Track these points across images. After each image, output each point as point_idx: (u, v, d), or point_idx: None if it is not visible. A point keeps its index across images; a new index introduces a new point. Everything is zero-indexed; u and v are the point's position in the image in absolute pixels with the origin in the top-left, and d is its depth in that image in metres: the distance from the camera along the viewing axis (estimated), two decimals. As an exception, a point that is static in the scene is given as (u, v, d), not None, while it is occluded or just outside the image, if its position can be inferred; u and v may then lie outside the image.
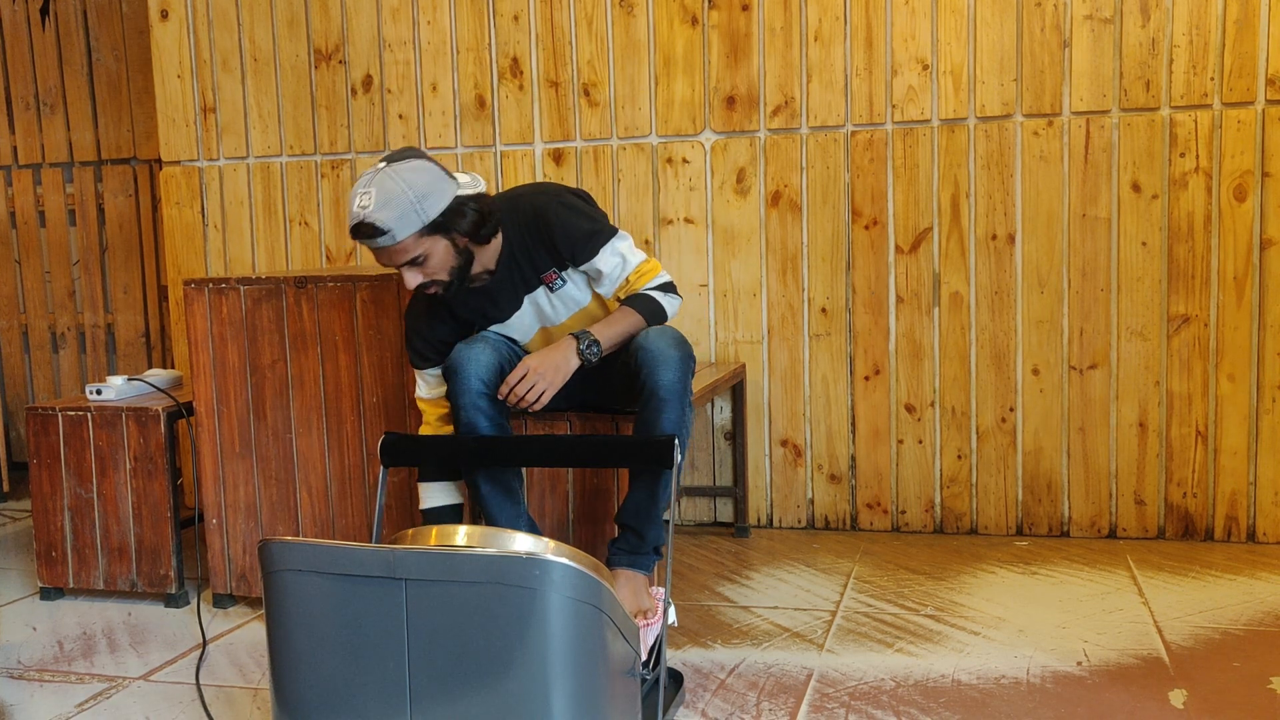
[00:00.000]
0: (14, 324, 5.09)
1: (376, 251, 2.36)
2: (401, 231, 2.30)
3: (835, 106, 3.62)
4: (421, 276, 2.39)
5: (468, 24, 3.89)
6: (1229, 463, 3.45)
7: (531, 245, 2.53)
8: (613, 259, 2.54)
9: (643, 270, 2.57)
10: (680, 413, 2.43)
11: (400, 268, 2.39)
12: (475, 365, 2.50)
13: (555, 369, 2.45)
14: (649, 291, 2.56)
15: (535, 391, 2.43)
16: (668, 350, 2.43)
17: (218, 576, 3.13)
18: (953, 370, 3.61)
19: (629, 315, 2.53)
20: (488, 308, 2.60)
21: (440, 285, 2.43)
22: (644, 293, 2.55)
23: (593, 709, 1.87)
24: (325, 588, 1.89)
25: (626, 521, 2.50)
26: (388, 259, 2.37)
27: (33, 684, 2.68)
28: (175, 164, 4.24)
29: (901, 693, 2.45)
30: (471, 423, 2.50)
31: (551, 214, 2.51)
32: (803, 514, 3.78)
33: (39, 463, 3.22)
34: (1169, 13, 3.37)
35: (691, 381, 2.48)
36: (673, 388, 2.41)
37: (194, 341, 3.06)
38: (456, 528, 2.08)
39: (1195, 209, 3.40)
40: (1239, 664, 2.54)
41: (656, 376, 2.41)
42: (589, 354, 2.46)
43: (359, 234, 2.31)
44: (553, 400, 2.76)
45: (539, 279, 2.56)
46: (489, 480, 2.57)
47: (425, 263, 2.37)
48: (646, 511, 2.48)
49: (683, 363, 2.44)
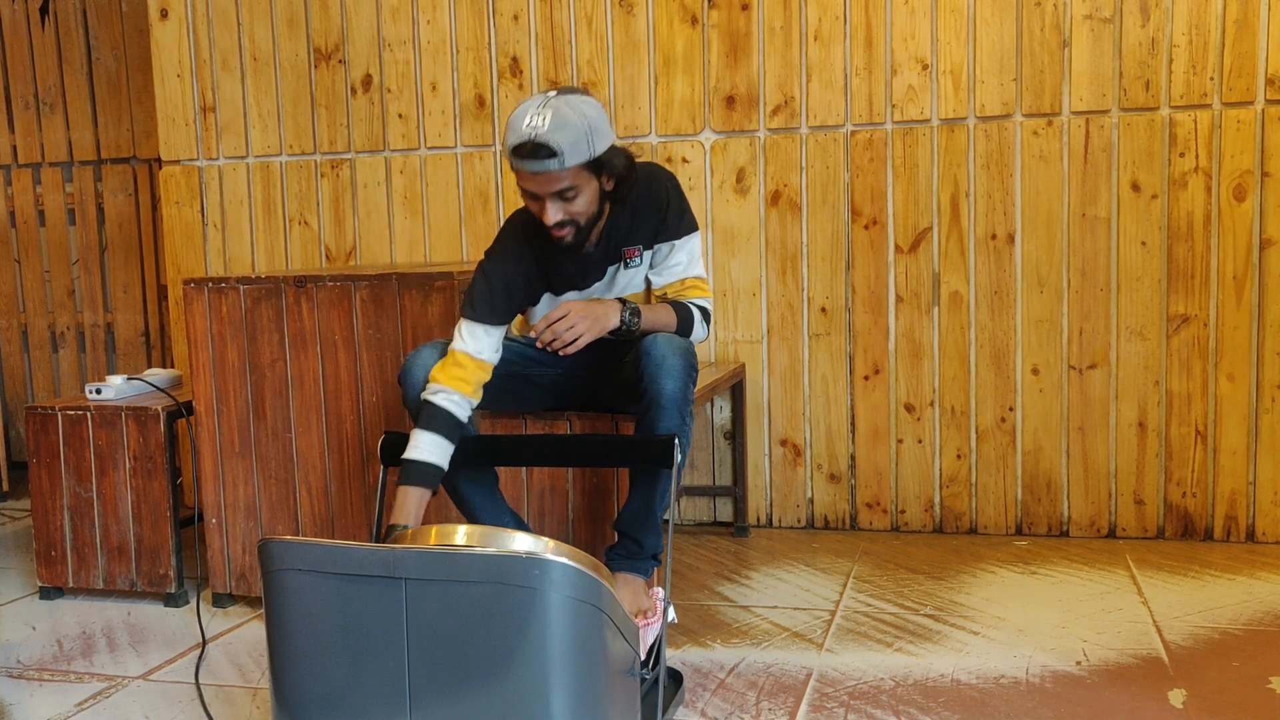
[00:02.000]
0: (13, 323, 5.09)
1: (532, 176, 2.28)
2: (570, 159, 2.25)
3: (835, 106, 3.62)
4: (563, 214, 2.33)
5: (467, 23, 3.89)
6: (1228, 462, 3.45)
7: (642, 211, 2.50)
8: (685, 254, 2.55)
9: (698, 284, 2.58)
10: (680, 421, 2.41)
11: (546, 199, 2.31)
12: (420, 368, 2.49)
13: (596, 320, 2.40)
14: (692, 305, 2.55)
15: (573, 333, 2.36)
16: (671, 358, 2.39)
17: (217, 576, 3.13)
18: (952, 370, 3.61)
19: (669, 313, 2.51)
20: (575, 273, 2.53)
21: (573, 229, 2.37)
22: (687, 304, 2.55)
23: (592, 708, 1.87)
24: (325, 587, 1.89)
25: (624, 529, 2.50)
26: (542, 186, 2.29)
27: (32, 683, 2.68)
28: (175, 163, 4.24)
29: (901, 692, 2.45)
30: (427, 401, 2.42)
31: (672, 186, 2.55)
32: (802, 513, 3.78)
33: (38, 462, 3.22)
34: (1169, 12, 3.37)
35: (693, 391, 2.46)
36: (673, 397, 2.38)
37: (193, 341, 3.06)
38: (456, 527, 2.07)
39: (1195, 209, 3.40)
40: (1238, 663, 2.54)
41: (658, 384, 2.38)
42: (630, 321, 2.43)
43: (526, 153, 2.24)
44: (552, 399, 2.77)
45: (622, 252, 2.53)
46: (469, 480, 2.55)
47: (573, 199, 2.32)
48: (644, 519, 2.47)
49: (685, 372, 2.41)
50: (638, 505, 2.48)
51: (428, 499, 2.35)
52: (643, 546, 2.48)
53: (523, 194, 2.37)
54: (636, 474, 2.51)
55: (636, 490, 2.49)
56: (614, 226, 2.50)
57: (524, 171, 2.29)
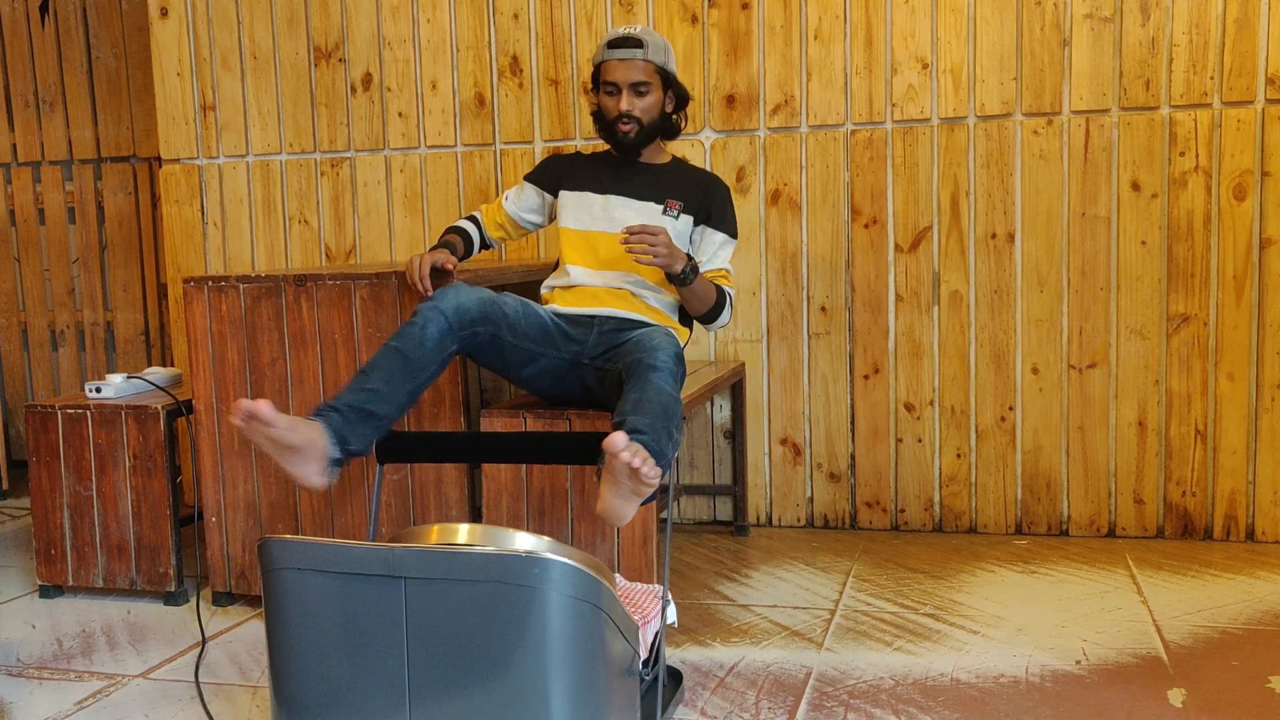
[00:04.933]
0: (13, 322, 5.09)
1: (619, 64, 2.80)
2: (653, 55, 2.82)
3: (835, 105, 3.62)
4: (632, 106, 2.81)
5: (467, 22, 3.89)
6: (1228, 462, 3.45)
7: (697, 183, 2.94)
8: (716, 246, 2.92)
9: (725, 275, 2.93)
10: (672, 384, 2.40)
11: (625, 88, 2.80)
12: (455, 296, 2.53)
13: (672, 253, 2.64)
14: (726, 291, 2.88)
15: (656, 249, 2.59)
16: (662, 340, 2.52)
17: (217, 574, 3.14)
18: (952, 369, 3.61)
19: (712, 288, 2.83)
20: (616, 181, 2.92)
21: (637, 125, 2.84)
22: (723, 289, 2.87)
23: (592, 707, 1.87)
24: (324, 586, 1.89)
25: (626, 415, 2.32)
26: (624, 74, 2.80)
27: (32, 682, 2.68)
28: (175, 162, 4.24)
29: (900, 691, 2.45)
30: (424, 323, 2.46)
31: (722, 186, 2.99)
32: (802, 513, 3.78)
33: (38, 460, 3.22)
34: (1169, 11, 3.37)
35: (682, 378, 2.52)
36: (666, 364, 2.44)
37: (193, 339, 3.06)
38: (456, 526, 2.07)
39: (1195, 208, 3.40)
40: (1238, 663, 2.54)
41: (652, 358, 2.44)
42: (688, 272, 2.69)
43: (620, 43, 2.79)
44: (551, 398, 2.78)
45: (665, 200, 2.90)
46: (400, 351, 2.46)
47: (645, 95, 2.82)
48: (644, 408, 2.31)
49: (675, 359, 2.50)
50: (634, 397, 2.36)
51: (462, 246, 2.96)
52: (643, 433, 2.25)
53: (603, 94, 2.86)
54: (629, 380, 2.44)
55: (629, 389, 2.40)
56: (668, 171, 2.95)
57: (612, 61, 2.82)
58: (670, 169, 2.97)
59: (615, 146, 2.91)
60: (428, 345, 2.46)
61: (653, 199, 2.89)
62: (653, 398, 2.34)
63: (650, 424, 2.27)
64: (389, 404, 2.41)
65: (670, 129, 2.93)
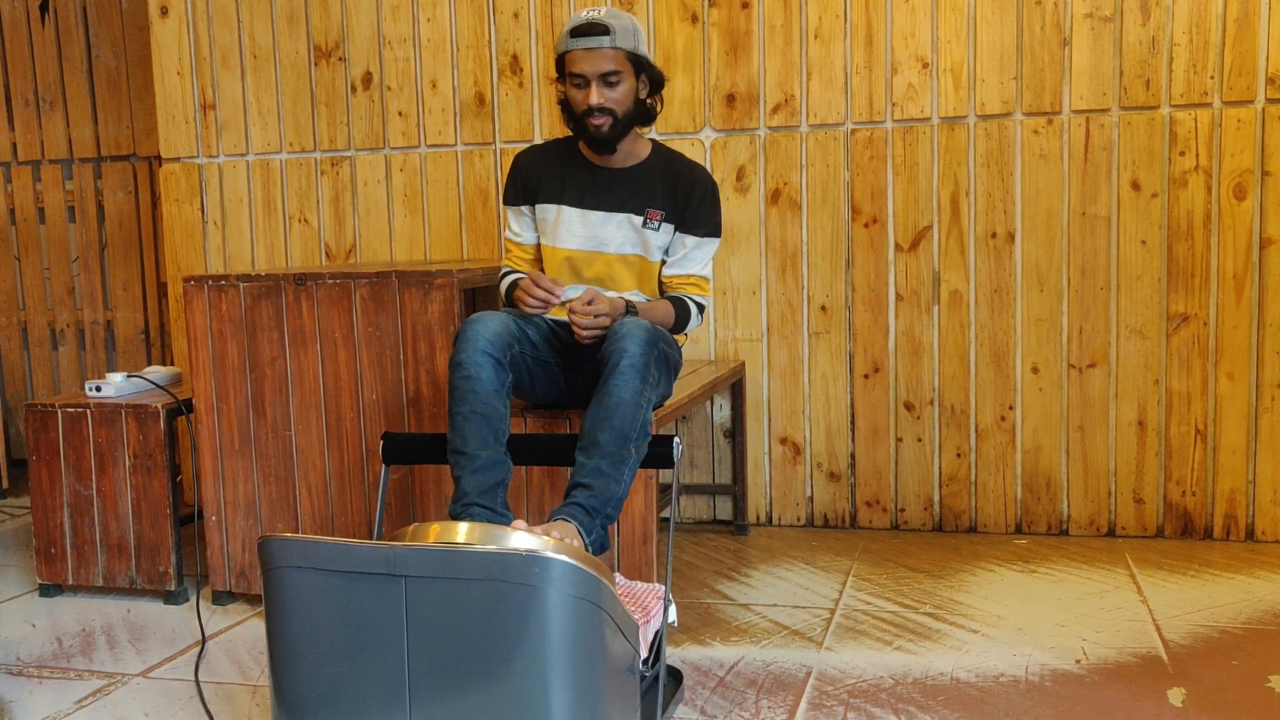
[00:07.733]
0: (13, 321, 5.08)
1: (585, 55, 2.59)
2: (620, 41, 2.60)
3: (835, 104, 3.62)
4: (603, 99, 2.61)
5: (467, 21, 3.89)
6: (1228, 461, 3.45)
7: (678, 179, 2.77)
8: (697, 250, 2.79)
9: (699, 282, 2.81)
10: (636, 383, 2.34)
11: (593, 80, 2.60)
12: (484, 327, 2.46)
13: (612, 310, 2.56)
14: (689, 301, 2.78)
15: (600, 320, 2.52)
16: (631, 329, 2.42)
17: (217, 573, 3.14)
18: (952, 368, 3.61)
19: (667, 309, 2.73)
20: (594, 190, 2.77)
21: (610, 118, 2.64)
22: (685, 299, 2.78)
23: (592, 706, 1.87)
24: (325, 585, 1.89)
25: (576, 478, 2.32)
26: (591, 64, 2.59)
27: (31, 681, 2.68)
28: (175, 161, 4.24)
29: (900, 690, 2.45)
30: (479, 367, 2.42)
31: (712, 185, 2.81)
32: (802, 512, 3.78)
33: (38, 459, 3.22)
34: (1169, 11, 3.37)
35: (659, 362, 2.44)
36: (634, 357, 2.36)
37: (193, 338, 3.06)
38: (457, 525, 2.07)
39: (1195, 208, 3.40)
40: (1238, 662, 2.54)
41: (619, 355, 2.37)
42: (631, 314, 2.61)
43: (584, 31, 2.57)
44: (551, 397, 2.78)
45: (645, 211, 2.76)
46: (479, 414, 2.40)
47: (616, 85, 2.62)
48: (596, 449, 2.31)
49: (645, 346, 2.39)
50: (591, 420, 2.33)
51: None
52: (593, 493, 2.27)
53: (570, 85, 2.65)
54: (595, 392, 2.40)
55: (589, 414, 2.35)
56: (645, 170, 2.76)
57: (577, 51, 2.60)
58: (649, 167, 2.78)
59: (588, 141, 2.72)
60: (490, 389, 2.41)
61: (633, 209, 2.75)
62: (605, 419, 2.31)
63: (596, 466, 2.28)
64: (502, 463, 2.40)
65: (646, 115, 2.74)
